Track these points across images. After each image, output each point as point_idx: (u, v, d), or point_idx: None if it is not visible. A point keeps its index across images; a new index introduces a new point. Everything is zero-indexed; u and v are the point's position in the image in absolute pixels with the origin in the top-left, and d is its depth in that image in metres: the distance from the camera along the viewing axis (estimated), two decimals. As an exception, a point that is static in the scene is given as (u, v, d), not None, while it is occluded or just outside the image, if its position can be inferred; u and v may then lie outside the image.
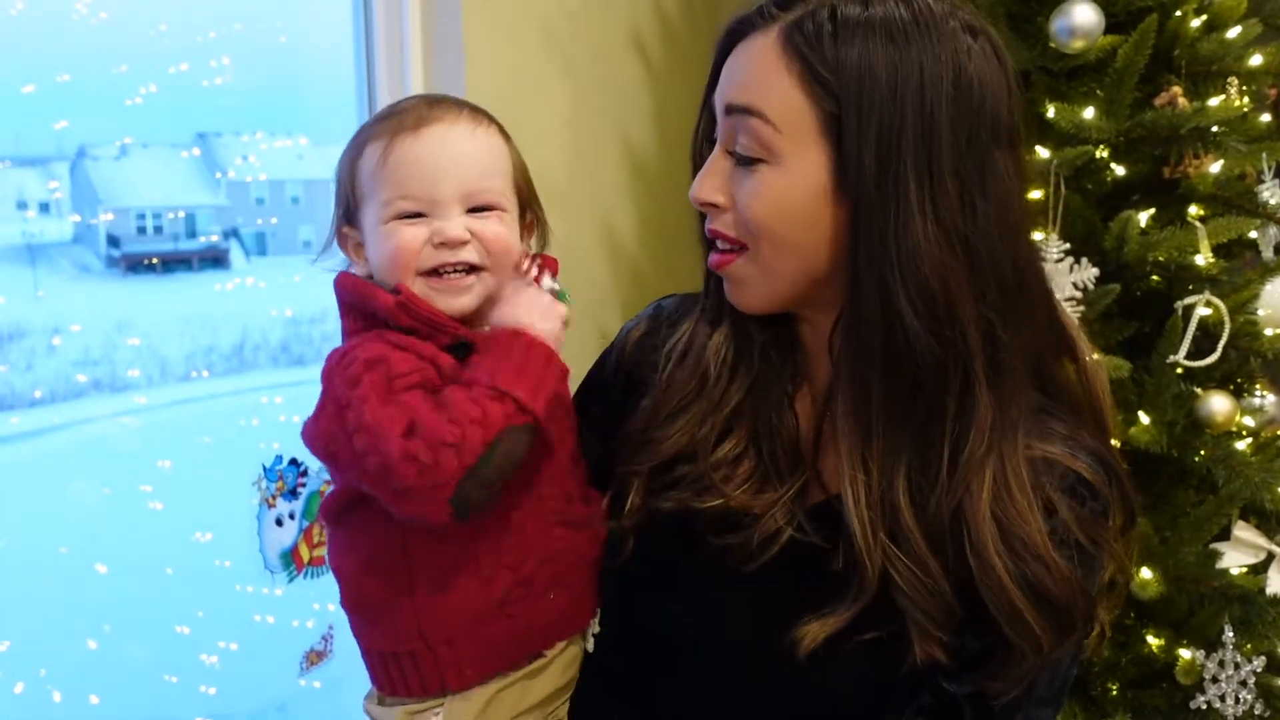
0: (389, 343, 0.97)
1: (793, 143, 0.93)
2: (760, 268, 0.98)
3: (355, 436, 0.93)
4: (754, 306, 1.01)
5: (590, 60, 2.33)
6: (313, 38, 2.62)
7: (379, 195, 1.01)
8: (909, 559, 0.93)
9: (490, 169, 1.03)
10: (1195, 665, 1.79)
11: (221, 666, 2.77)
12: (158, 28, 2.54)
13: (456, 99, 1.06)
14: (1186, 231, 1.77)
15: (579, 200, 2.33)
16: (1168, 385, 1.78)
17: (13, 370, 4.40)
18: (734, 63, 0.98)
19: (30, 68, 2.56)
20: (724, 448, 1.03)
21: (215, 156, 6.29)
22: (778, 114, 0.93)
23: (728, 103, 0.97)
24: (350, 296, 1.03)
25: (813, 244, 0.95)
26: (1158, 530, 1.82)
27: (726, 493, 1.01)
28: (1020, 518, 0.93)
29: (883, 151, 0.90)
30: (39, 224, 5.95)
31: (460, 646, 1.02)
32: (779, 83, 0.93)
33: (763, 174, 0.95)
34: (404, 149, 1.00)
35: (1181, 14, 1.80)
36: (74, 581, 3.14)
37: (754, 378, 1.05)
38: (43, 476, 3.82)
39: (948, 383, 0.92)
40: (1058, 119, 1.76)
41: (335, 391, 0.96)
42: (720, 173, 0.98)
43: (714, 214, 0.99)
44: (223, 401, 4.78)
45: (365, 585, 1.05)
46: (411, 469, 0.90)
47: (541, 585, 1.04)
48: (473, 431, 0.91)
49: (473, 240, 1.01)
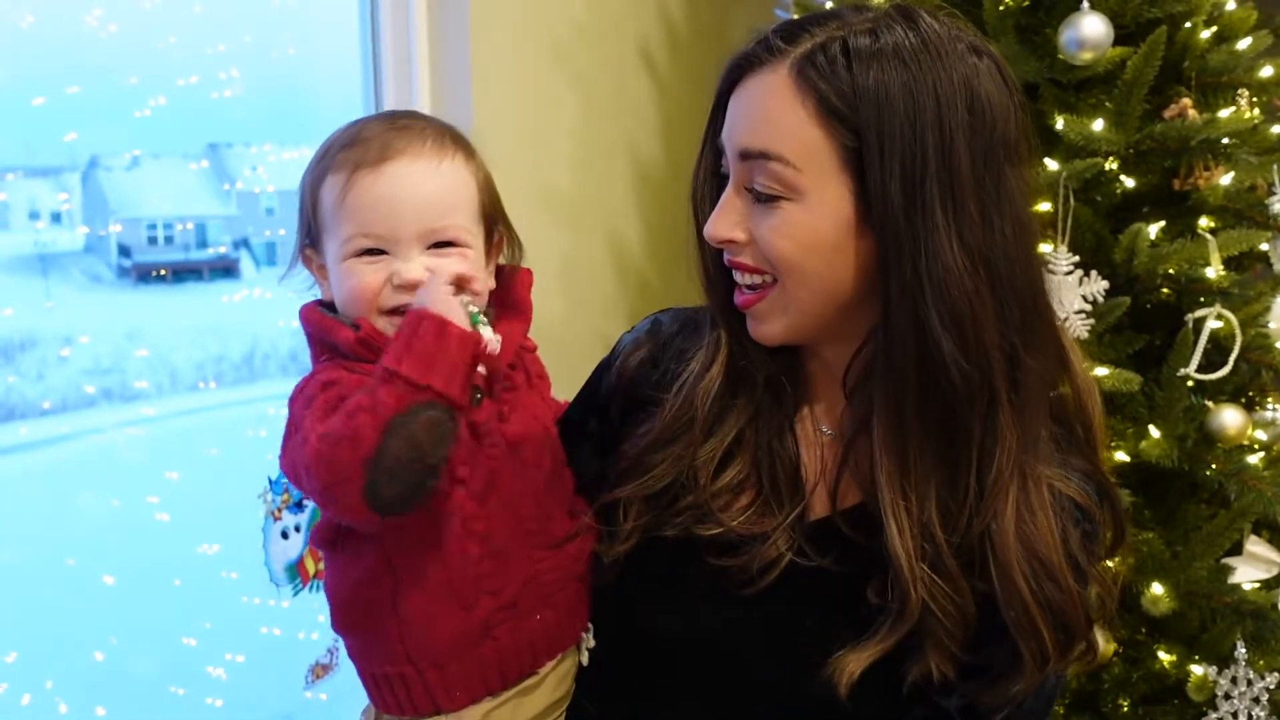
0: (345, 369, 0.97)
1: (813, 179, 0.93)
2: (786, 300, 0.97)
3: (298, 450, 0.93)
4: (776, 339, 1.01)
5: (598, 73, 2.33)
6: (321, 50, 2.63)
7: (339, 231, 1.00)
8: (945, 583, 0.93)
9: (452, 205, 1.01)
10: (1207, 682, 1.78)
11: (228, 678, 2.77)
12: (167, 40, 2.55)
13: (422, 120, 1.04)
14: (1197, 244, 1.76)
15: (586, 211, 2.33)
16: (1179, 398, 1.77)
17: (22, 380, 4.41)
18: (743, 103, 0.97)
19: (41, 80, 2.58)
20: (725, 476, 1.03)
21: (225, 167, 6.31)
22: (796, 154, 0.93)
23: (742, 148, 0.96)
24: (315, 331, 1.03)
25: (838, 275, 0.95)
26: (1169, 545, 1.81)
27: (725, 521, 1.02)
28: (1041, 538, 0.94)
29: (908, 181, 0.90)
30: (50, 234, 5.98)
31: (449, 669, 1.02)
32: (794, 120, 0.92)
33: (785, 210, 0.94)
34: (364, 186, 0.98)
35: (1191, 25, 1.79)
36: (81, 593, 3.14)
37: (755, 407, 1.04)
38: (51, 487, 3.83)
39: (976, 405, 0.92)
40: (1067, 131, 1.75)
41: (293, 415, 0.96)
42: (736, 209, 0.97)
43: (733, 249, 0.99)
44: (231, 412, 4.79)
45: (355, 610, 1.05)
46: (322, 467, 0.89)
47: (526, 606, 1.04)
48: (362, 419, 0.88)
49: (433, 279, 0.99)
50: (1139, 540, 1.81)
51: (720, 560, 1.01)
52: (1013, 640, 0.94)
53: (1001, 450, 0.93)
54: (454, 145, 1.03)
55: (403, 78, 2.15)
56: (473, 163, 1.05)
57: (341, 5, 2.18)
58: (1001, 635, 0.94)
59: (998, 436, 0.93)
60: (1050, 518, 0.95)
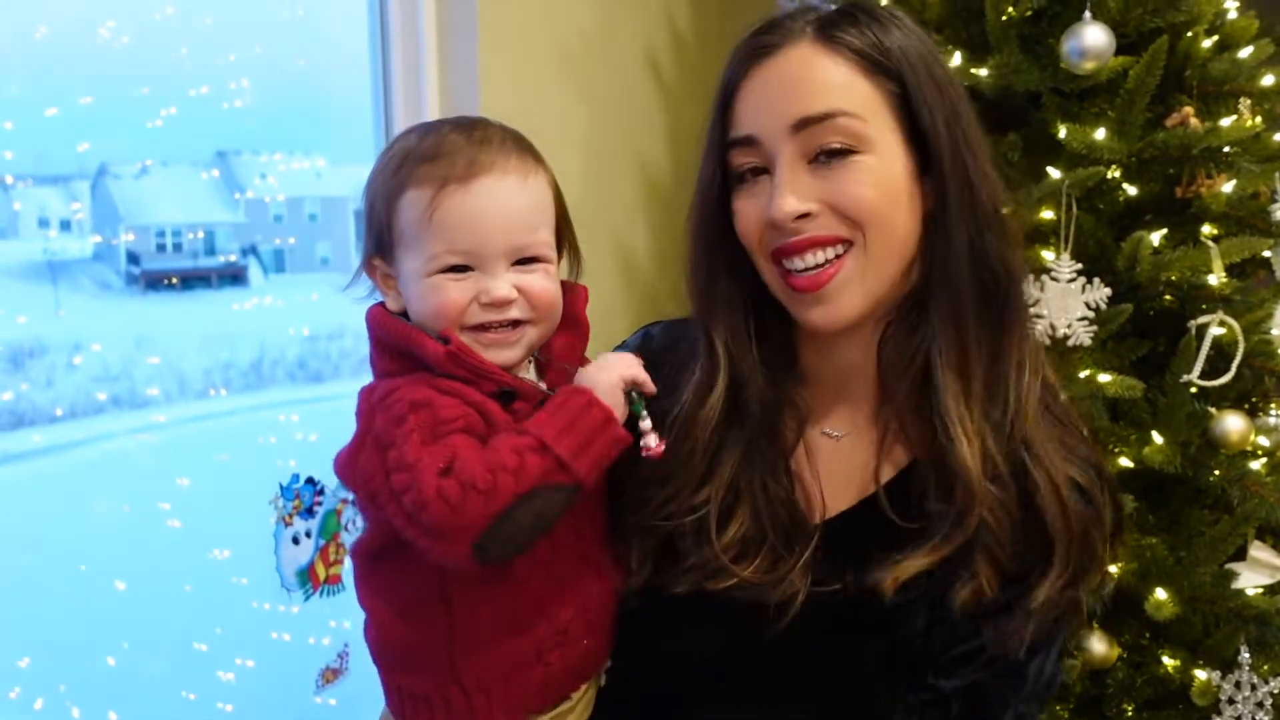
0: (434, 387, 0.96)
1: (877, 128, 0.99)
2: (868, 260, 1.01)
3: (395, 474, 0.92)
4: (853, 313, 1.02)
5: (605, 81, 2.35)
6: (330, 61, 2.65)
7: (425, 248, 0.98)
8: (1000, 490, 0.98)
9: (538, 221, 1.01)
10: (1211, 686, 1.78)
11: (238, 683, 2.78)
12: (179, 51, 2.58)
13: (496, 129, 1.03)
14: (1199, 251, 1.77)
15: (593, 219, 2.33)
16: (1181, 405, 1.78)
17: (34, 387, 4.44)
18: (777, 82, 1.01)
19: (54, 90, 2.61)
20: (730, 531, 1.04)
21: (234, 176, 6.34)
22: (858, 106, 0.99)
23: (800, 117, 0.99)
24: (391, 339, 1.01)
25: (909, 225, 1.02)
26: (1172, 550, 1.82)
27: (740, 574, 1.03)
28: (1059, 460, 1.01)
29: (950, 122, 1.00)
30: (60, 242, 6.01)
31: (495, 694, 1.01)
32: (842, 77, 0.99)
33: (862, 162, 0.99)
34: (453, 203, 0.97)
35: (1193, 35, 1.80)
36: (93, 598, 3.16)
37: (748, 441, 1.06)
38: (63, 493, 3.85)
39: (1015, 311, 1.03)
40: (1069, 139, 1.76)
41: (377, 430, 0.95)
42: (797, 183, 0.99)
43: (804, 224, 1.00)
44: (240, 418, 4.81)
45: (401, 630, 1.03)
46: (441, 508, 0.89)
47: (577, 633, 1.04)
48: (504, 480, 0.90)
49: (519, 297, 0.99)
50: (1142, 545, 1.82)
51: (739, 595, 1.03)
52: (1044, 547, 0.99)
53: (1029, 359, 1.02)
54: (533, 158, 1.03)
55: (412, 89, 2.17)
56: (548, 174, 1.04)
57: (351, 17, 2.20)
58: (1037, 541, 0.99)
59: (1025, 346, 1.03)
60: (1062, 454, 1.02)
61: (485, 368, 0.98)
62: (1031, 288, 1.76)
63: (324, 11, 2.59)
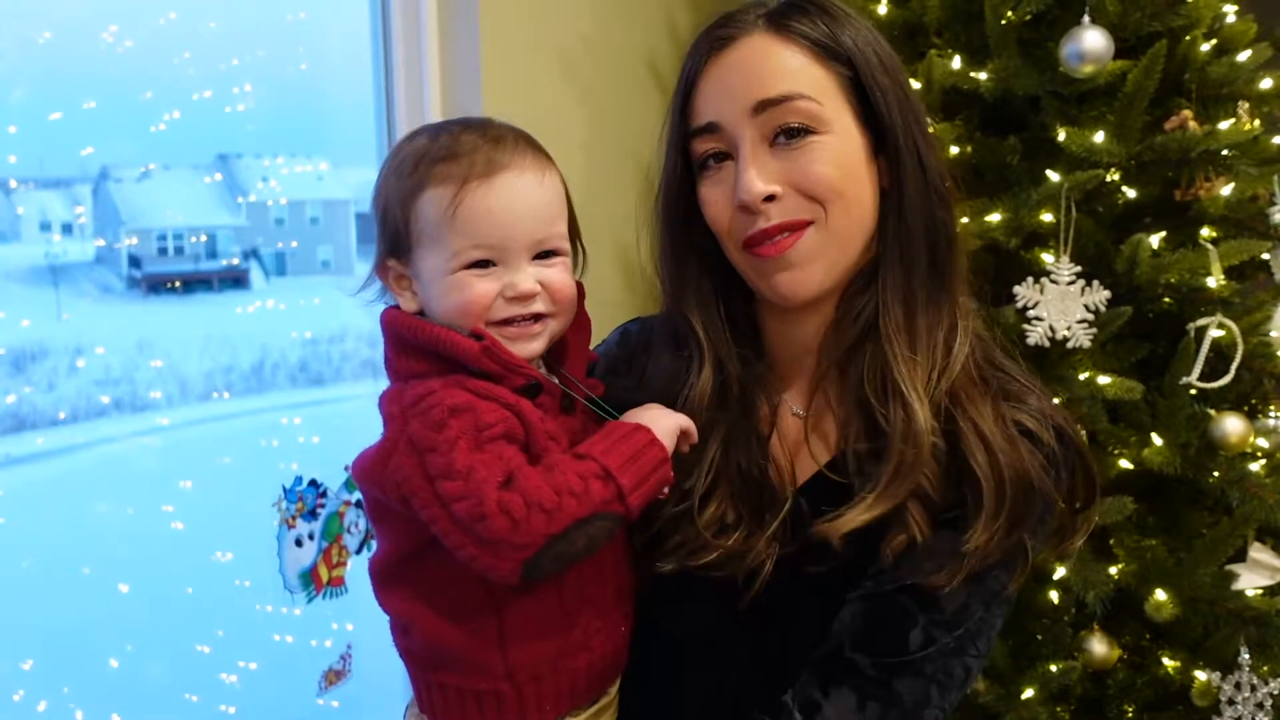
0: (471, 390, 0.96)
1: (832, 109, 1.04)
2: (830, 234, 1.05)
3: (443, 482, 0.92)
4: (814, 285, 1.06)
5: (606, 85, 2.36)
6: (333, 64, 2.66)
7: (449, 244, 0.99)
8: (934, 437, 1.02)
9: (557, 215, 1.03)
10: (1211, 687, 1.79)
11: (241, 686, 2.78)
12: (182, 55, 2.59)
13: (508, 129, 1.04)
14: (1198, 254, 1.78)
15: (594, 222, 2.34)
16: (1181, 407, 1.79)
17: (36, 390, 4.44)
18: (736, 69, 1.06)
19: (57, 94, 2.61)
20: (709, 510, 1.09)
21: (236, 179, 6.35)
22: (813, 89, 1.04)
23: (759, 100, 1.03)
24: (419, 339, 1.00)
25: (867, 201, 1.07)
26: (1172, 552, 1.83)
27: (721, 545, 1.07)
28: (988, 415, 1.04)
29: (900, 102, 1.06)
30: (62, 245, 6.02)
31: (545, 682, 1.02)
32: (797, 63, 1.04)
33: (820, 142, 1.04)
34: (476, 199, 0.98)
35: (1191, 38, 1.81)
36: (96, 601, 3.16)
37: (730, 424, 1.11)
38: (66, 496, 3.85)
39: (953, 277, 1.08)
40: (1068, 143, 1.77)
41: (413, 434, 0.94)
42: (762, 165, 1.04)
43: (770, 208, 1.04)
44: (243, 421, 4.82)
45: (450, 632, 1.02)
46: (504, 521, 0.90)
47: (616, 617, 1.06)
48: (569, 503, 0.92)
49: (541, 291, 1.01)
50: (1142, 547, 1.83)
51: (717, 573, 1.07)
52: (975, 491, 1.00)
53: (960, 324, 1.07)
54: (545, 155, 1.05)
55: (414, 92, 2.18)
56: (558, 171, 1.07)
57: (354, 21, 2.21)
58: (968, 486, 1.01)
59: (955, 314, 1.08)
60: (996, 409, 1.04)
61: (516, 362, 0.99)
62: (1031, 289, 1.77)
63: (326, 16, 2.60)
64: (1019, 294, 1.77)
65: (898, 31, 1.96)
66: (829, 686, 1.01)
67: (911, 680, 1.01)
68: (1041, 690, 1.81)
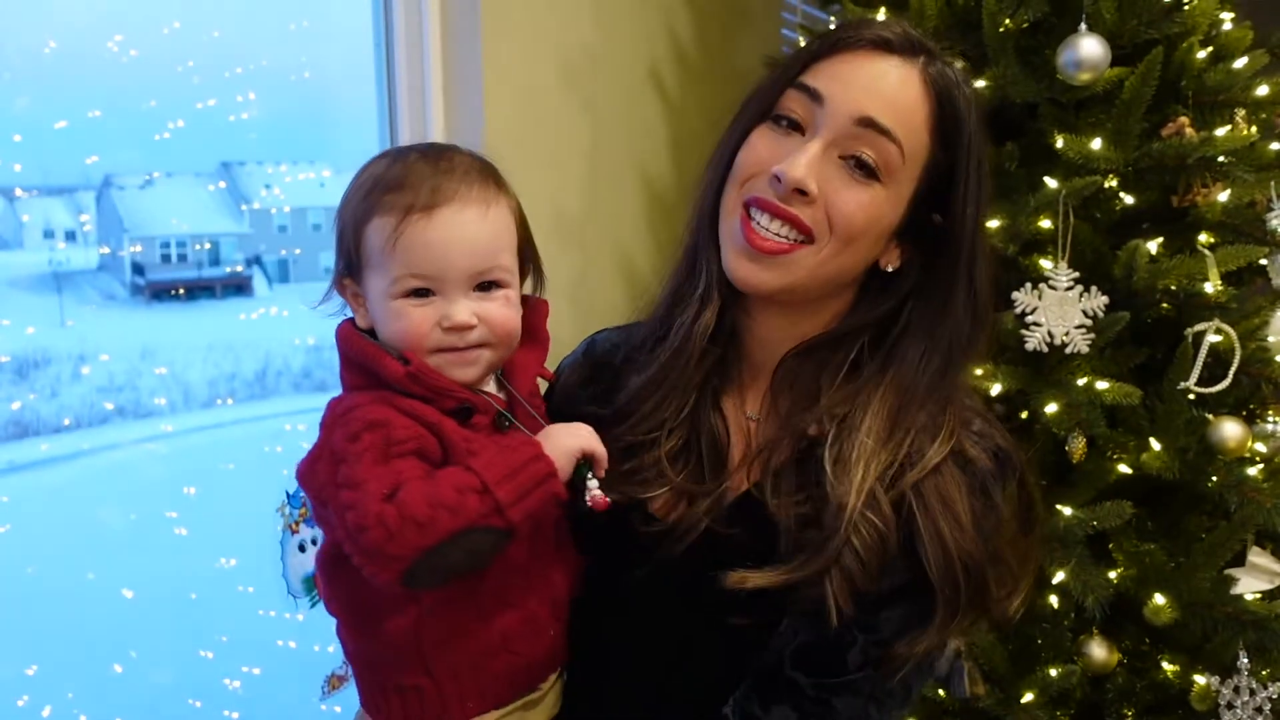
0: (393, 406, 0.99)
1: (906, 174, 1.06)
2: (817, 262, 1.06)
3: (343, 490, 0.95)
4: (773, 288, 1.07)
5: (607, 94, 2.37)
6: (335, 72, 2.68)
7: (389, 271, 1.02)
8: (878, 519, 1.01)
9: (498, 248, 1.05)
10: (1210, 691, 1.80)
11: (244, 691, 2.79)
12: (186, 64, 2.61)
13: (463, 157, 1.06)
14: (1196, 259, 1.79)
15: (597, 231, 2.36)
16: (1179, 411, 1.79)
17: (41, 397, 4.46)
18: (877, 78, 1.05)
19: (62, 103, 2.63)
20: (670, 442, 1.13)
21: (239, 186, 6.38)
22: (910, 147, 1.05)
23: (870, 116, 1.03)
24: (356, 356, 1.05)
25: (863, 260, 1.08)
26: (1171, 556, 1.83)
27: (665, 484, 1.11)
28: (954, 498, 1.03)
29: (975, 206, 1.08)
30: (66, 252, 6.04)
31: (465, 680, 1.05)
32: (919, 119, 1.05)
33: (875, 191, 1.05)
34: (415, 231, 1.01)
35: (1188, 46, 1.82)
36: (101, 606, 3.18)
37: (709, 370, 1.14)
38: (71, 503, 3.87)
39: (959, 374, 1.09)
40: (1066, 149, 1.78)
41: (334, 444, 0.99)
42: (820, 165, 1.04)
43: (795, 200, 1.04)
44: (246, 428, 4.83)
45: (371, 628, 1.06)
46: (380, 533, 0.93)
47: (545, 622, 1.09)
48: (441, 517, 0.94)
49: (480, 324, 1.03)
50: (1141, 551, 1.83)
51: (648, 528, 1.10)
52: (924, 591, 1.00)
53: (947, 421, 1.05)
54: (496, 186, 1.06)
55: (416, 101, 2.19)
56: (511, 200, 1.08)
57: (356, 30, 2.23)
58: (908, 586, 1.01)
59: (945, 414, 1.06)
60: (960, 482, 1.03)
61: (443, 385, 1.02)
62: (1029, 295, 1.78)
63: (329, 24, 2.62)
64: (1017, 300, 1.78)
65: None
66: (770, 703, 1.03)
67: (850, 699, 1.02)
68: (1041, 694, 1.82)
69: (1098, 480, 1.81)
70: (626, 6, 2.42)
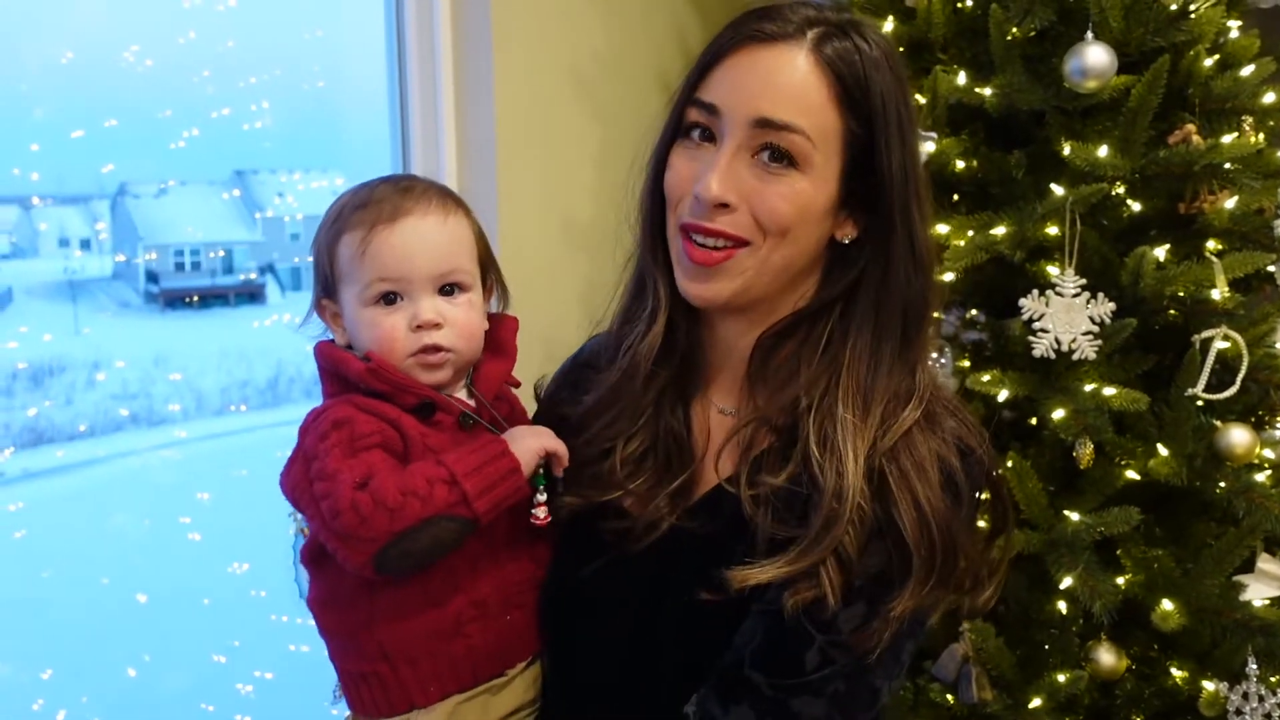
0: (356, 405, 1.08)
1: (823, 155, 1.05)
2: (759, 261, 1.07)
3: (316, 483, 1.03)
4: (723, 299, 1.09)
5: (617, 101, 2.38)
6: (349, 81, 2.71)
7: (359, 279, 1.12)
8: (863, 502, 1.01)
9: (457, 251, 1.14)
10: (1219, 697, 1.79)
11: (257, 695, 2.81)
12: (200, 74, 2.64)
13: (425, 184, 1.16)
14: (1203, 266, 1.79)
15: (606, 237, 2.37)
16: (1187, 418, 1.80)
17: (56, 404, 4.50)
18: (761, 73, 1.04)
19: (78, 113, 2.66)
20: (631, 446, 1.15)
21: (253, 195, 6.42)
22: (816, 131, 1.04)
23: (763, 117, 1.03)
24: (326, 363, 1.14)
25: (814, 242, 1.08)
26: (1179, 562, 1.83)
27: (627, 487, 1.13)
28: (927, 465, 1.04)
29: (903, 168, 1.06)
30: (81, 260, 6.08)
31: (421, 665, 1.11)
32: (817, 100, 1.04)
33: (793, 179, 1.04)
34: (381, 239, 1.11)
35: (1194, 54, 1.82)
36: (115, 611, 3.20)
37: (666, 381, 1.15)
38: (85, 508, 3.90)
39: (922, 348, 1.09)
40: (1073, 157, 1.79)
41: (306, 446, 1.07)
42: (734, 174, 1.05)
43: (718, 214, 1.05)
44: (258, 434, 4.86)
45: (335, 614, 1.15)
46: (353, 517, 1.00)
47: (496, 608, 1.14)
48: (412, 503, 1.01)
49: (445, 325, 1.11)
50: (1149, 557, 1.84)
51: (612, 524, 1.12)
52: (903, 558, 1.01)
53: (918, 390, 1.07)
54: (454, 203, 1.16)
55: (428, 109, 2.21)
56: (469, 218, 1.18)
57: (369, 39, 2.25)
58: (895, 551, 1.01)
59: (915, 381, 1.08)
60: (931, 452, 1.04)
61: (402, 380, 1.10)
62: (1036, 301, 1.79)
63: (342, 34, 2.64)
64: (1024, 306, 1.79)
65: (904, 47, 1.98)
66: (729, 703, 1.03)
67: (809, 700, 1.01)
68: (1049, 700, 1.82)
69: (1105, 486, 1.82)
70: (636, 14, 2.44)
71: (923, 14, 1.95)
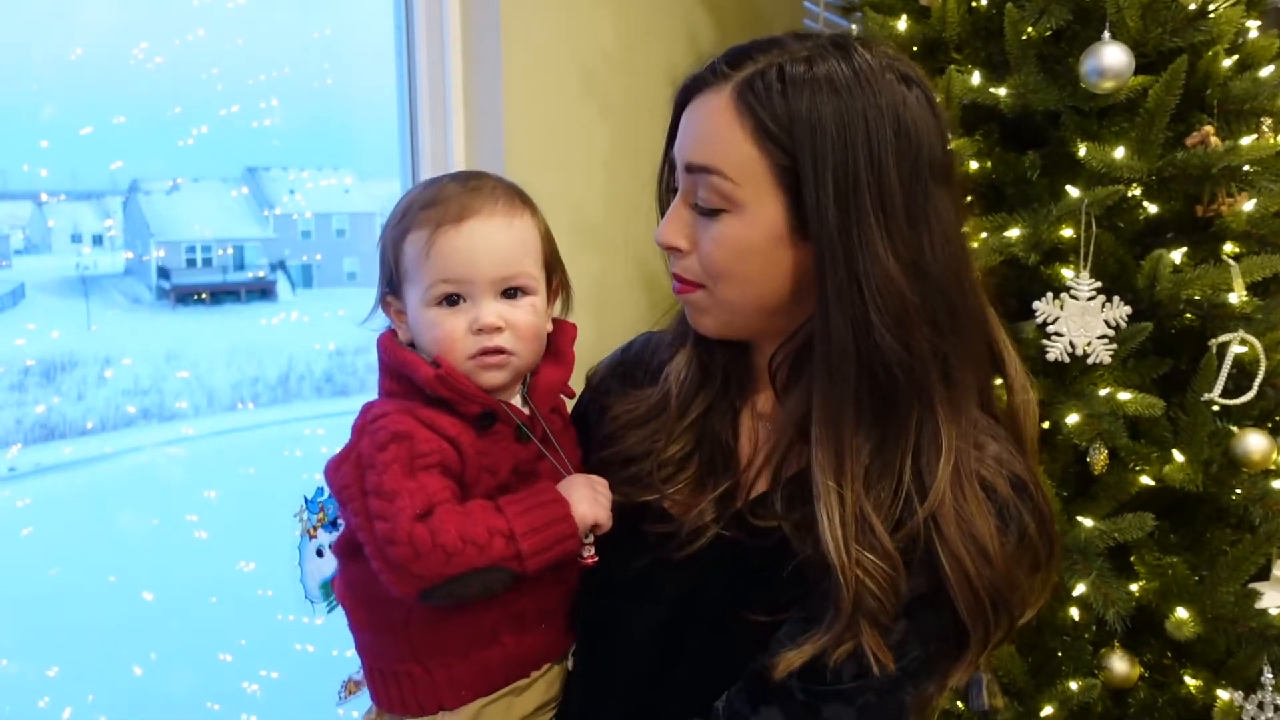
0: (416, 418, 1.06)
1: (751, 193, 1.01)
2: (715, 302, 1.07)
3: (373, 499, 1.02)
4: (711, 331, 1.11)
5: (627, 100, 2.37)
6: (358, 79, 2.70)
7: (423, 280, 1.10)
8: (881, 560, 0.98)
9: (521, 255, 1.13)
10: (1234, 706, 1.78)
11: (263, 695, 2.81)
12: (210, 71, 2.63)
13: (492, 180, 1.15)
14: (1220, 269, 1.77)
15: (616, 238, 2.37)
16: (1203, 423, 1.78)
17: (65, 400, 4.51)
18: (690, 121, 1.07)
19: (89, 110, 2.66)
20: (672, 449, 1.14)
21: (263, 192, 6.44)
22: (735, 169, 1.02)
23: (687, 161, 1.05)
24: (393, 361, 1.12)
25: (770, 282, 1.04)
26: (1194, 570, 1.81)
27: (664, 491, 1.13)
28: (978, 527, 1.00)
29: (841, 197, 0.98)
30: (92, 257, 6.11)
31: (455, 669, 1.11)
32: (733, 139, 1.01)
33: (725, 222, 1.03)
34: (446, 240, 1.09)
35: (1213, 54, 1.80)
36: (121, 609, 3.20)
37: (712, 399, 1.15)
38: (93, 506, 3.91)
39: (912, 398, 1.00)
40: (1089, 158, 1.77)
41: (361, 449, 1.06)
42: (682, 219, 1.07)
43: (676, 257, 1.09)
44: (267, 432, 4.86)
45: (368, 610, 1.14)
46: (408, 551, 1.00)
47: (532, 619, 1.14)
48: (470, 551, 1.01)
49: (507, 328, 1.10)
50: (1164, 564, 1.82)
51: (655, 528, 1.12)
52: (958, 631, 1.00)
53: (942, 441, 1.00)
54: (521, 203, 1.15)
55: (437, 108, 2.20)
56: (536, 218, 1.16)
57: (378, 37, 2.25)
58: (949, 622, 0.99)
59: (936, 428, 1.00)
60: (984, 508, 1.01)
61: (469, 390, 1.08)
62: (1051, 304, 1.77)
63: (351, 32, 2.64)
64: (1039, 309, 1.77)
65: (917, 47, 1.96)
66: (759, 704, 1.02)
67: (840, 708, 1.01)
68: (1061, 708, 1.80)
69: (1119, 492, 1.80)
70: (646, 12, 2.43)
71: (937, 14, 1.93)
